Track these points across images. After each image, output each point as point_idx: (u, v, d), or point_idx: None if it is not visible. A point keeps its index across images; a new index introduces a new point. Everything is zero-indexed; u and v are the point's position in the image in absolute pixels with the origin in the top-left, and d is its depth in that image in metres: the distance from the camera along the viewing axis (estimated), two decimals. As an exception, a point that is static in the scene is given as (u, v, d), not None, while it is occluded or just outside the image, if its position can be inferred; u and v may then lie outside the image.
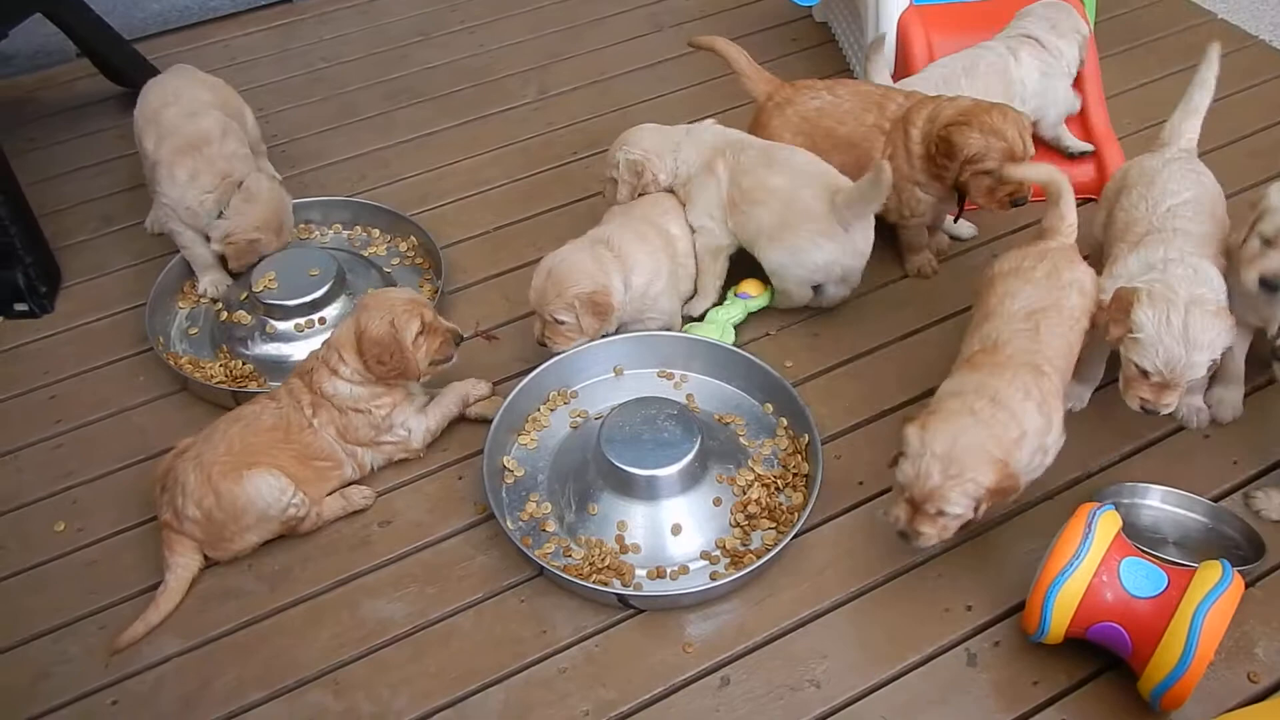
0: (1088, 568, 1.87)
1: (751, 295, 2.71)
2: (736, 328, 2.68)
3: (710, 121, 2.79)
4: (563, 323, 2.45)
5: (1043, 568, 1.90)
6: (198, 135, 2.72)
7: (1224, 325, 2.06)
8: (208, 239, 2.75)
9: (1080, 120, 3.07)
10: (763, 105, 2.78)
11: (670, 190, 2.71)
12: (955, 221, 2.80)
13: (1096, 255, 2.49)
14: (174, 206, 2.71)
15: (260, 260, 2.75)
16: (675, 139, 2.70)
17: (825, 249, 2.52)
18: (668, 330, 2.62)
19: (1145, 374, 2.09)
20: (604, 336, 2.53)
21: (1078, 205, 2.95)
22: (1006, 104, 2.51)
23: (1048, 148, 3.01)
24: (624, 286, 2.49)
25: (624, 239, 2.53)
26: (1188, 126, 2.48)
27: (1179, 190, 2.32)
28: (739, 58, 2.84)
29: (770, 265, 2.60)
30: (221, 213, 2.70)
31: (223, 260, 2.78)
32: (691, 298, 2.71)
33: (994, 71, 2.83)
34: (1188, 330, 2.03)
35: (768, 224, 2.55)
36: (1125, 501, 2.25)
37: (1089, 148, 3.02)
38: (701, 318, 2.69)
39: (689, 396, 2.51)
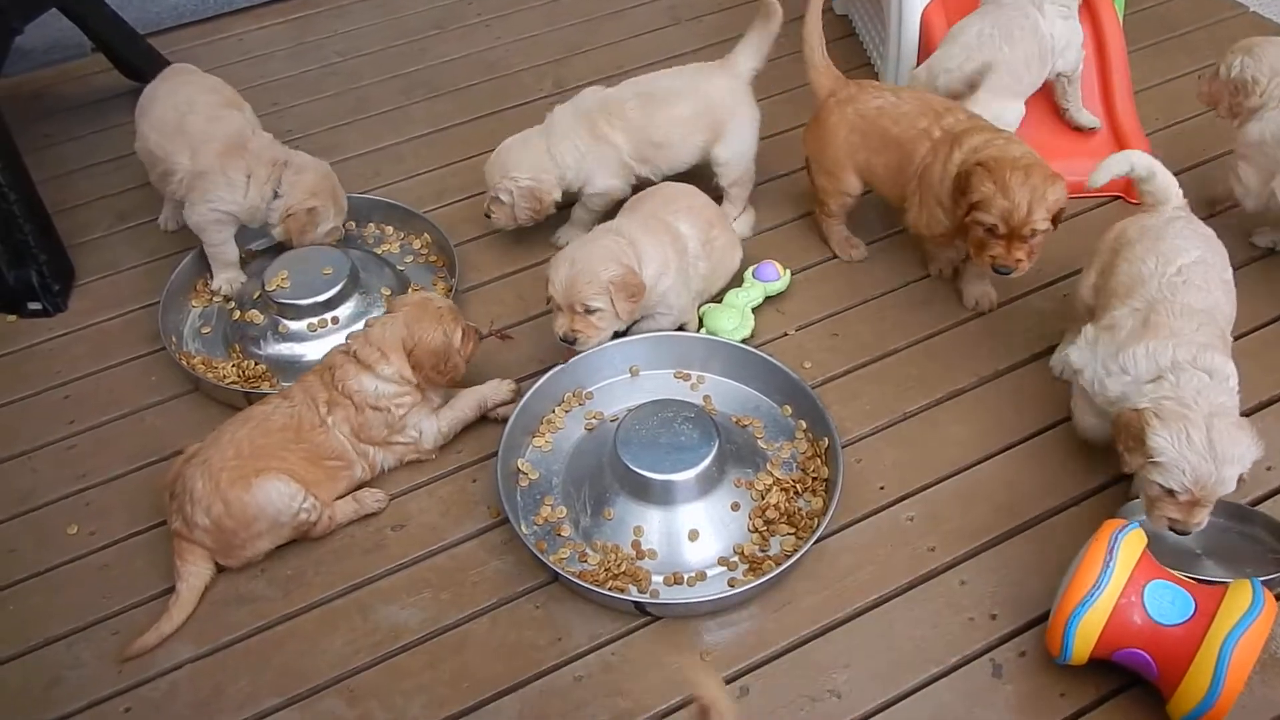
0: (1110, 594, 1.82)
1: (771, 278, 2.69)
2: (755, 311, 2.65)
3: (556, 111, 2.78)
4: (594, 311, 2.39)
5: (1063, 594, 1.85)
6: (236, 135, 2.71)
7: (1251, 437, 1.91)
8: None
9: (1106, 115, 3.01)
10: (824, 101, 2.72)
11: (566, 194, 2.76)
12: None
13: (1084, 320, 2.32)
14: (237, 210, 2.70)
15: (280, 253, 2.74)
16: (542, 145, 2.72)
17: (755, 116, 2.85)
18: (680, 327, 2.58)
19: (1172, 493, 1.93)
20: (615, 337, 2.49)
21: (1103, 204, 2.93)
22: (1044, 169, 2.32)
23: (1058, 123, 2.96)
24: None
25: (633, 230, 2.48)
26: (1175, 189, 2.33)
27: (1188, 248, 2.18)
28: (817, 48, 2.74)
29: (724, 160, 2.81)
30: (277, 193, 2.71)
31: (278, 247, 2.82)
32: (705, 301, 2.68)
33: (1029, 33, 2.78)
34: (1214, 447, 1.88)
35: (706, 138, 2.77)
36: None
37: (1097, 123, 2.99)
38: (720, 300, 2.66)
39: (706, 398, 2.47)
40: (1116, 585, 1.82)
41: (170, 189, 2.76)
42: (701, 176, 2.84)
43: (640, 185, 2.79)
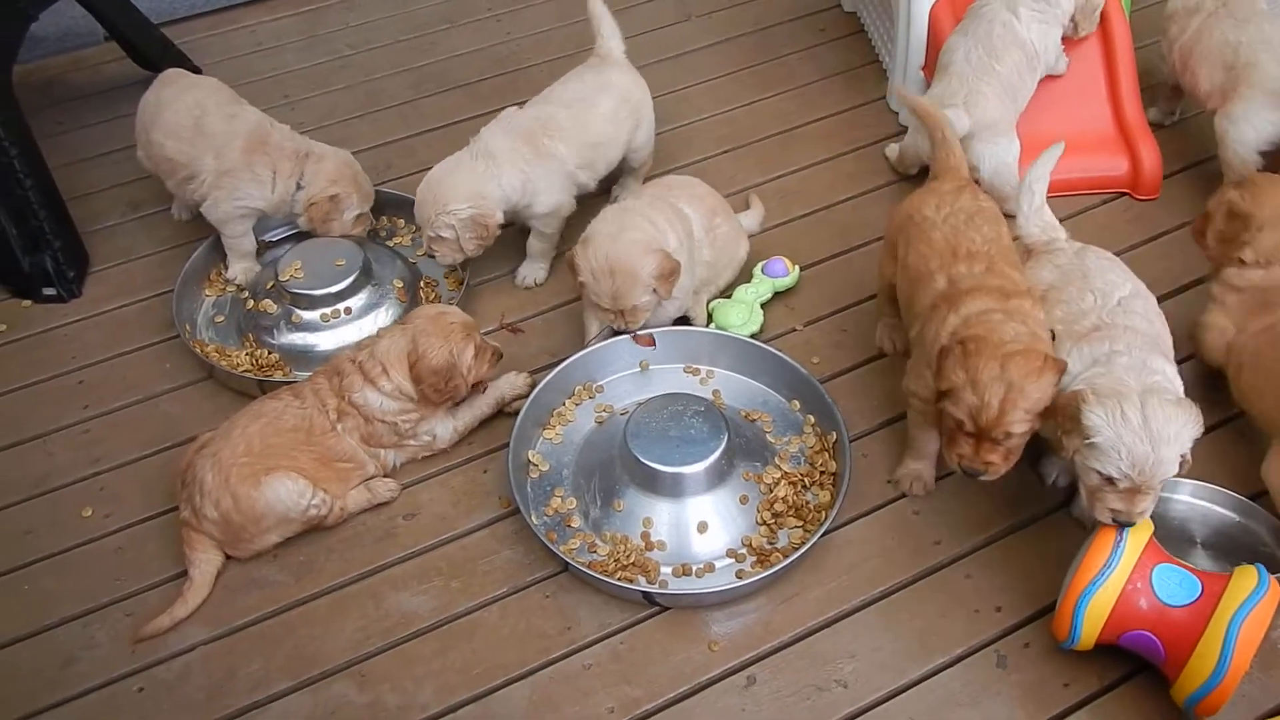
0: (1119, 576, 1.85)
1: (780, 274, 2.71)
2: (764, 307, 2.67)
3: (484, 134, 2.69)
4: (641, 303, 2.41)
5: (1073, 576, 1.88)
6: (256, 132, 2.73)
7: (1189, 415, 1.83)
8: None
9: (1113, 111, 3.02)
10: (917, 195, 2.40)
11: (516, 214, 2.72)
12: None
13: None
14: (264, 206, 2.73)
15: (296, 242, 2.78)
16: (477, 169, 2.61)
17: (648, 93, 2.91)
18: (684, 317, 2.60)
19: (1111, 480, 1.85)
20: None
21: (1108, 201, 2.95)
22: (1029, 360, 1.92)
23: (1060, 117, 2.96)
24: None
25: (644, 209, 2.49)
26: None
27: (1126, 281, 2.15)
28: (945, 136, 2.45)
29: (640, 142, 2.89)
30: (300, 185, 2.74)
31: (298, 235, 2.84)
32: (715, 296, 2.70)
33: (1011, 43, 2.80)
34: (1149, 424, 1.80)
35: (631, 125, 2.82)
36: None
37: None
38: (729, 295, 2.68)
39: (715, 392, 2.49)
40: (1125, 568, 1.85)
41: (191, 190, 2.77)
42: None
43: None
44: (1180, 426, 1.82)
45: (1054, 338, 2.07)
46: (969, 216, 2.22)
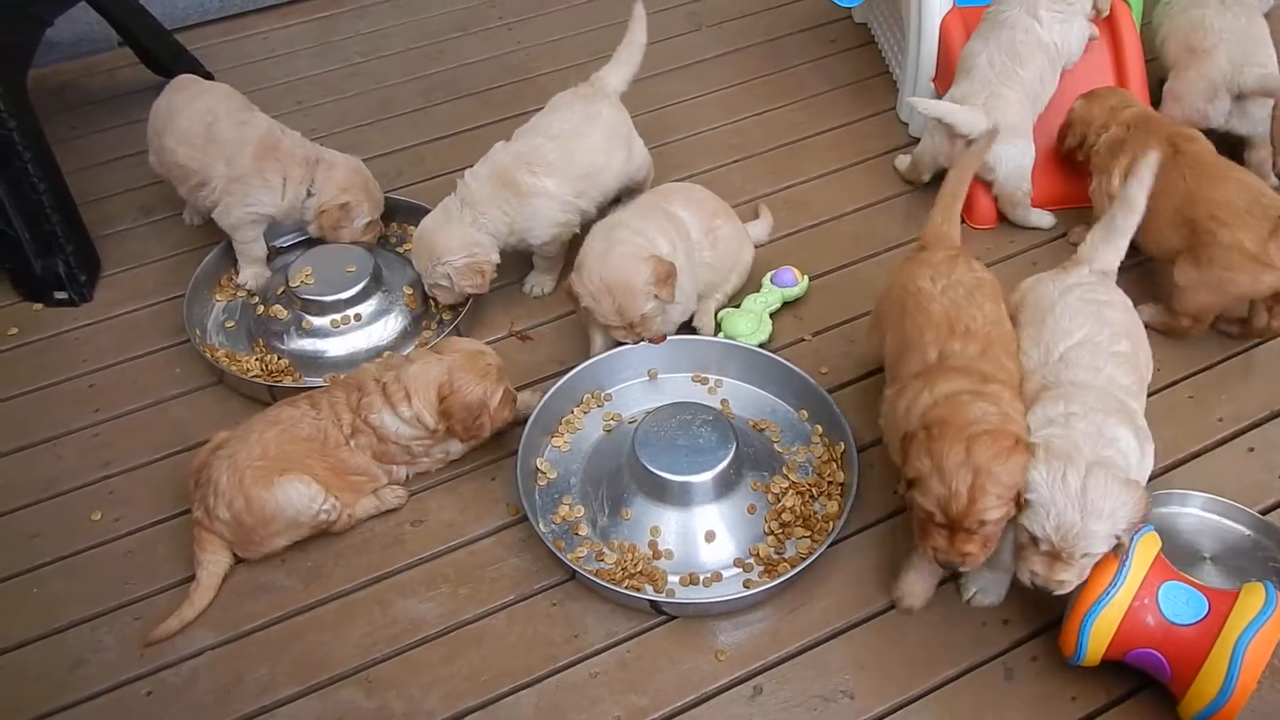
0: (1125, 594, 1.84)
1: (789, 284, 2.72)
2: (772, 316, 2.68)
3: (468, 178, 2.67)
4: (648, 311, 2.42)
5: (1079, 592, 1.88)
6: (267, 138, 2.74)
7: (1130, 497, 1.78)
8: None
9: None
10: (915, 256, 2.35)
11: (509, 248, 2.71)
12: None
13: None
14: (274, 212, 2.74)
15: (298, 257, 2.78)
16: (466, 218, 2.61)
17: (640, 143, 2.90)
18: (690, 321, 2.61)
19: (1035, 540, 1.83)
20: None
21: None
22: (997, 441, 1.84)
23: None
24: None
25: (630, 219, 2.49)
26: (1107, 250, 2.21)
27: (1071, 330, 2.06)
28: (948, 208, 2.37)
29: (638, 171, 2.87)
30: (310, 192, 2.75)
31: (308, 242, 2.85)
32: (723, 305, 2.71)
33: (1034, 48, 2.80)
34: (1085, 494, 1.77)
35: (624, 155, 2.80)
36: (1163, 510, 2.22)
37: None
38: (737, 305, 2.68)
39: (724, 401, 2.50)
40: (1132, 585, 1.85)
41: (203, 196, 2.78)
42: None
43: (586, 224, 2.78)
44: (1117, 505, 1.78)
45: None
46: (969, 291, 2.14)
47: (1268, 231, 2.36)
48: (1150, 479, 2.29)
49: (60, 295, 2.86)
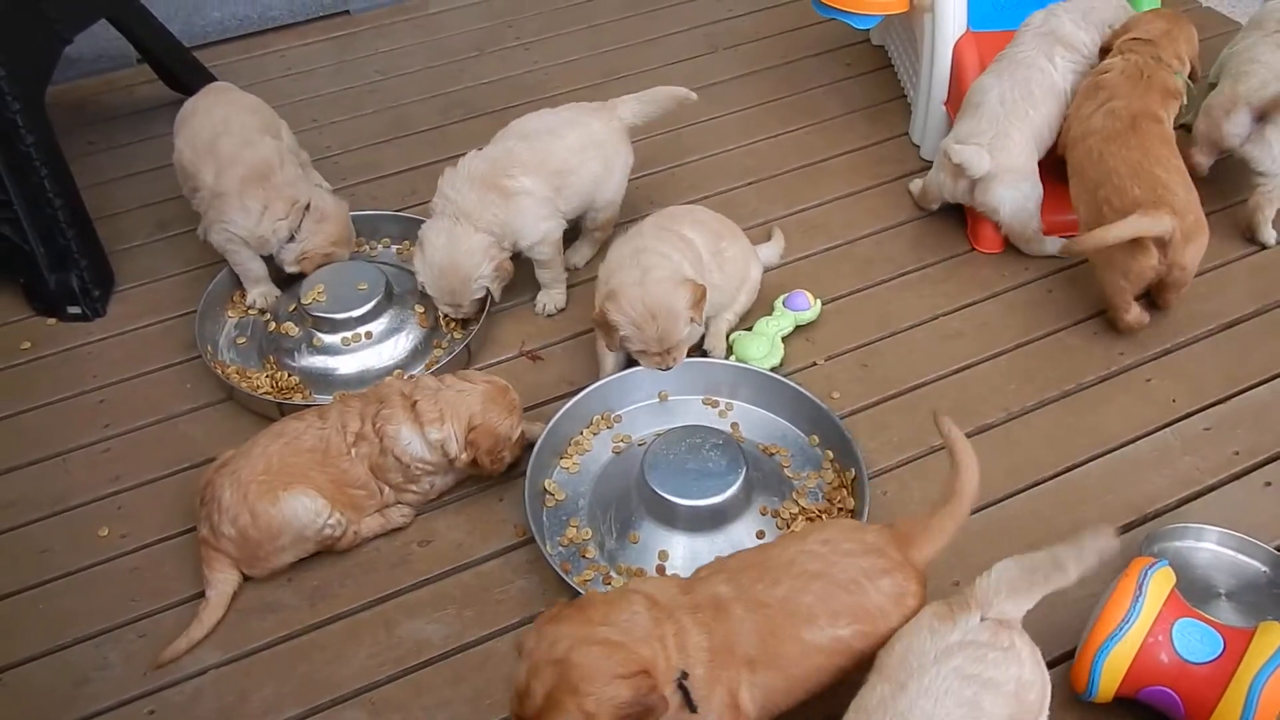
0: (1139, 630, 1.81)
1: (802, 308, 2.71)
2: (784, 340, 2.67)
3: (450, 194, 2.66)
4: (684, 337, 2.42)
5: (1092, 628, 1.85)
6: (262, 165, 2.74)
7: None
8: (265, 257, 2.80)
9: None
10: None
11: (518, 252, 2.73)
12: None
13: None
14: (246, 236, 2.74)
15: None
16: (468, 230, 2.61)
17: (629, 160, 2.89)
18: (700, 341, 2.60)
19: None
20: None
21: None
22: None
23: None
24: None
25: (654, 243, 2.48)
26: (1014, 596, 1.70)
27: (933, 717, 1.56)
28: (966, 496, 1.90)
29: (605, 201, 2.84)
30: (293, 236, 2.74)
31: (281, 276, 2.83)
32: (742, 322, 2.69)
33: (1048, 92, 2.79)
34: None
35: (598, 169, 2.77)
36: (1178, 544, 2.19)
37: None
38: (749, 328, 2.67)
39: (734, 425, 2.48)
40: (1145, 621, 1.82)
41: (195, 203, 2.81)
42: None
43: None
44: None
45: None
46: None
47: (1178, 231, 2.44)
48: (1165, 511, 2.29)
49: (74, 310, 2.87)
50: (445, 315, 2.73)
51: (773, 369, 2.58)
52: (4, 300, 2.94)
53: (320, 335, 2.66)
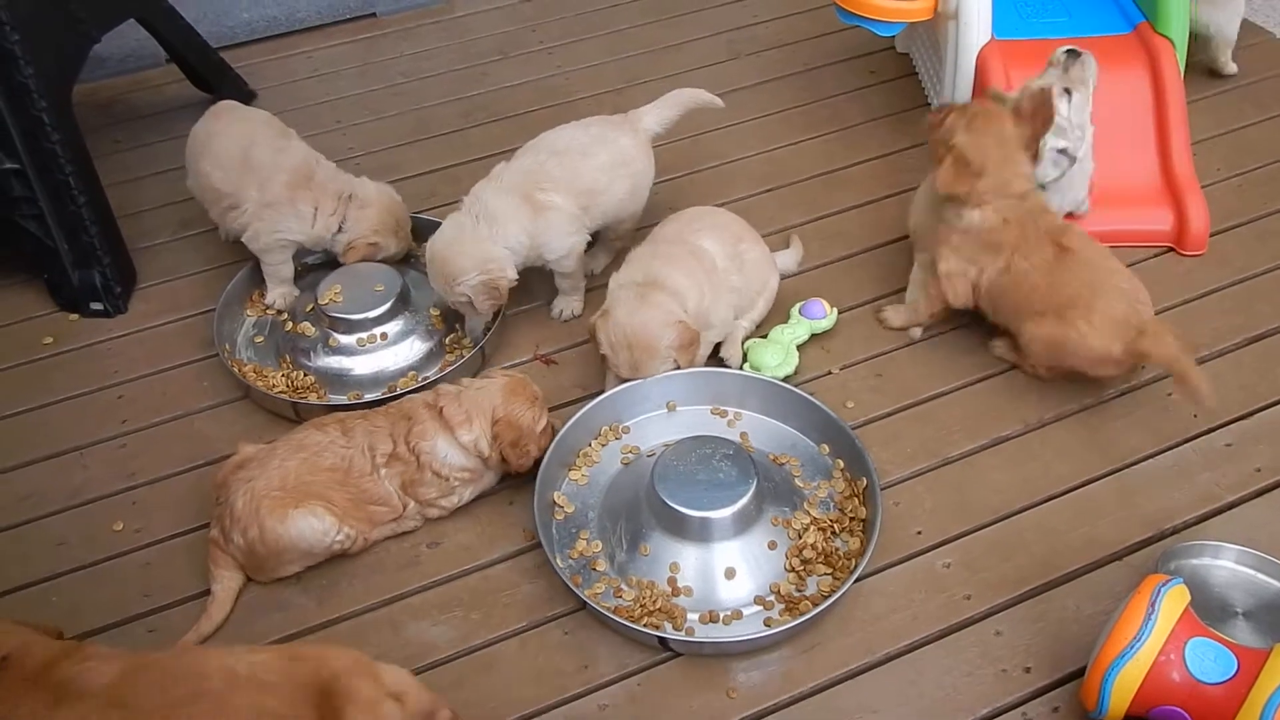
0: (1150, 649, 1.78)
1: (818, 316, 2.69)
2: (799, 348, 2.65)
3: (482, 196, 2.63)
4: (660, 371, 2.45)
5: (1102, 646, 1.82)
6: (303, 167, 2.76)
7: None
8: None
9: (1161, 165, 2.96)
10: None
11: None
12: None
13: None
14: (303, 239, 2.77)
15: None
16: (481, 234, 2.56)
17: (652, 173, 2.88)
18: (717, 347, 2.60)
19: None
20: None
21: (1156, 255, 2.89)
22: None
23: (1108, 171, 2.87)
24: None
25: (663, 271, 2.47)
26: None
27: None
28: None
29: (628, 213, 2.84)
30: (341, 227, 2.78)
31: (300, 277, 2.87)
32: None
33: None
34: None
35: (628, 186, 2.77)
36: (1195, 562, 2.16)
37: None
38: (765, 335, 2.66)
39: (743, 435, 2.47)
40: (1157, 640, 1.79)
41: (233, 218, 2.80)
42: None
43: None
44: None
45: None
46: None
47: (1127, 340, 2.39)
48: (1184, 528, 2.25)
49: (96, 306, 2.91)
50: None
51: (787, 377, 2.57)
52: (28, 296, 2.98)
53: (336, 335, 2.67)
